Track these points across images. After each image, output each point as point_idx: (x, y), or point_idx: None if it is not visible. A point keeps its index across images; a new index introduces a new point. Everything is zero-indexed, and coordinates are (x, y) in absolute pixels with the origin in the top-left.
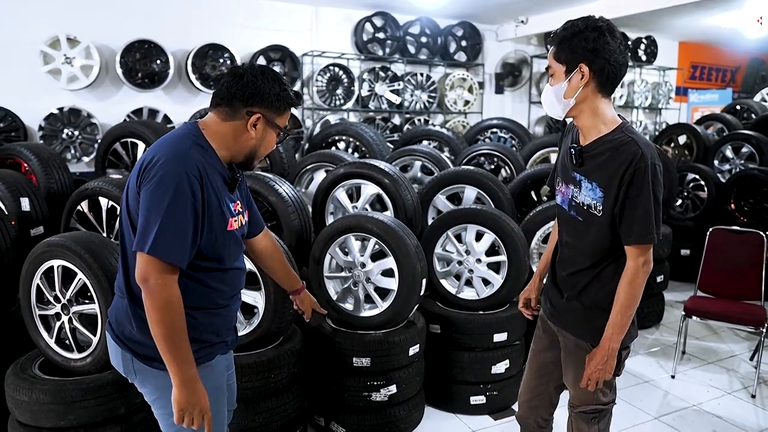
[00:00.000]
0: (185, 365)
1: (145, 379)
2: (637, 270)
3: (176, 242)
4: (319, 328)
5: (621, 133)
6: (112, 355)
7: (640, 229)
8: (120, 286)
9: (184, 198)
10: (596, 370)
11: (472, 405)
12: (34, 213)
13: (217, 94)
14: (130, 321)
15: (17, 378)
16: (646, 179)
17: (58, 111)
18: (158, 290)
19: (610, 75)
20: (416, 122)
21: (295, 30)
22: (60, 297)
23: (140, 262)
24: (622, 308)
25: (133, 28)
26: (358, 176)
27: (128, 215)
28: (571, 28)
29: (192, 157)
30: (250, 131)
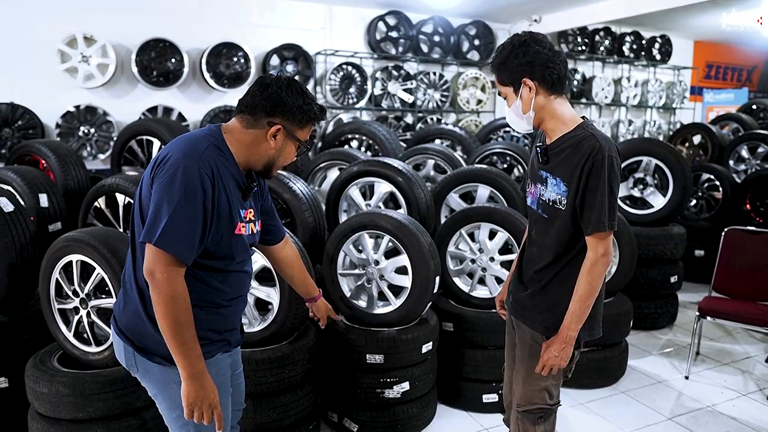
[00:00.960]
0: (193, 359)
1: (146, 373)
2: (596, 260)
3: (184, 236)
4: (333, 325)
5: (582, 129)
6: (116, 349)
7: (596, 218)
8: (128, 278)
9: (194, 194)
10: (552, 356)
11: (485, 403)
12: (52, 209)
13: (242, 101)
14: (131, 314)
15: (37, 370)
16: (603, 170)
17: (74, 109)
18: (164, 284)
19: (553, 77)
20: (429, 121)
21: (308, 29)
22: (78, 291)
23: (147, 255)
24: (581, 298)
25: (148, 27)
26: (372, 174)
27: (140, 209)
28: (501, 53)
29: (206, 156)
30: (269, 141)
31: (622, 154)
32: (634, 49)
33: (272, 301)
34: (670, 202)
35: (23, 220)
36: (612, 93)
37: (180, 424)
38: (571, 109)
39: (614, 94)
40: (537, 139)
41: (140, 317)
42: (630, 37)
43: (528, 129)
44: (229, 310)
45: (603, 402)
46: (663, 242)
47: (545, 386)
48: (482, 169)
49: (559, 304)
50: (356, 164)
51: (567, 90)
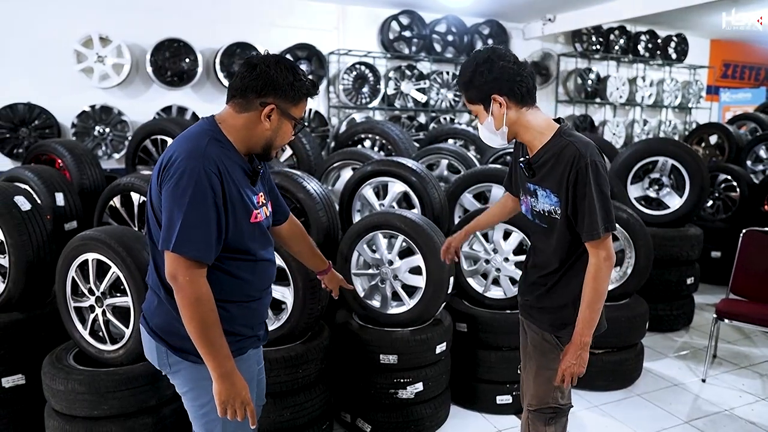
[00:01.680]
0: (222, 359)
1: (179, 371)
2: (599, 264)
3: (200, 238)
4: (347, 325)
5: (560, 137)
6: (146, 348)
7: (589, 226)
8: (153, 281)
9: (203, 194)
10: (570, 364)
11: (498, 404)
12: (68, 208)
13: (232, 86)
14: (164, 315)
15: (53, 368)
16: (588, 177)
17: (90, 108)
18: (187, 287)
19: (522, 90)
20: (442, 121)
21: (322, 28)
22: (94, 290)
23: (168, 261)
24: (590, 303)
25: (163, 28)
26: (386, 174)
27: (153, 212)
28: (465, 71)
29: (209, 153)
30: (264, 122)
31: (637, 154)
32: (649, 48)
33: (286, 300)
34: (686, 202)
35: (40, 218)
36: (627, 93)
37: (206, 420)
38: (545, 117)
39: (629, 93)
40: (518, 149)
41: (174, 317)
42: (645, 36)
43: (503, 143)
44: (259, 303)
45: (618, 405)
46: (679, 243)
47: (557, 386)
48: (496, 168)
49: (564, 305)
50: (370, 164)
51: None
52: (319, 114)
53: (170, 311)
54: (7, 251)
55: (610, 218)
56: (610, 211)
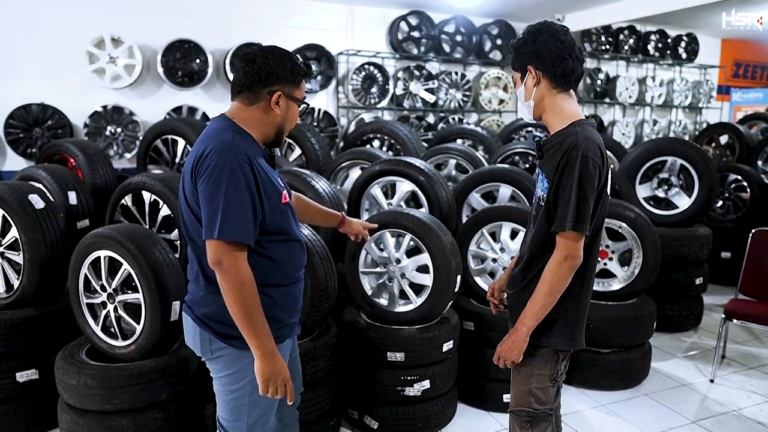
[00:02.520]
0: (265, 339)
1: (220, 357)
2: (560, 262)
3: (240, 222)
4: (354, 323)
5: (573, 127)
6: (188, 336)
7: (560, 217)
8: (196, 277)
9: (237, 182)
10: (505, 349)
11: (505, 403)
12: (81, 206)
13: (236, 82)
14: (211, 304)
15: (66, 363)
16: (574, 169)
17: (102, 109)
18: (232, 271)
19: (557, 70)
20: (450, 121)
21: (330, 29)
22: (106, 286)
23: (210, 248)
24: (538, 296)
25: (173, 29)
26: (394, 173)
27: (189, 209)
28: (519, 37)
29: (236, 143)
30: (274, 109)
31: (646, 153)
32: (659, 48)
33: None
34: (695, 202)
35: (53, 216)
36: (636, 92)
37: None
38: (575, 107)
39: (639, 93)
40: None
41: (220, 306)
42: (655, 36)
43: (530, 118)
44: (296, 287)
45: (625, 404)
46: (688, 243)
47: (529, 389)
48: (504, 168)
49: None
50: (378, 163)
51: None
52: (328, 114)
53: (216, 301)
54: (22, 248)
55: (582, 218)
56: (584, 213)
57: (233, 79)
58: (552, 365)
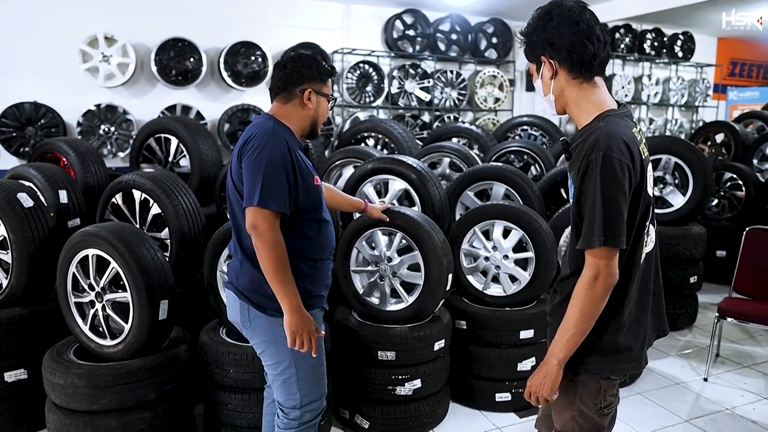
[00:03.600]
0: (293, 295)
1: (257, 326)
2: (589, 281)
3: (277, 193)
4: (345, 321)
5: (597, 121)
6: (231, 309)
7: (586, 231)
8: (235, 248)
9: (276, 161)
10: (535, 384)
11: (498, 402)
12: (72, 205)
13: (273, 88)
14: (247, 275)
15: (53, 362)
16: (595, 173)
17: (95, 107)
18: (267, 233)
19: (574, 58)
20: (446, 120)
21: (325, 27)
22: (94, 285)
23: (249, 214)
24: (567, 323)
25: (167, 27)
26: (386, 172)
27: (234, 187)
28: (527, 25)
29: (277, 131)
30: (307, 104)
31: None
32: (655, 47)
33: None
34: (690, 201)
35: (42, 215)
36: (632, 91)
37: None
38: (601, 97)
39: (635, 92)
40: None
41: (255, 276)
42: (651, 35)
43: (552, 113)
44: (325, 265)
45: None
46: (682, 242)
47: (573, 416)
48: (497, 166)
49: None
50: (371, 161)
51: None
52: None
53: (252, 270)
54: (10, 247)
55: (613, 230)
56: (615, 223)
57: (270, 86)
58: (594, 394)
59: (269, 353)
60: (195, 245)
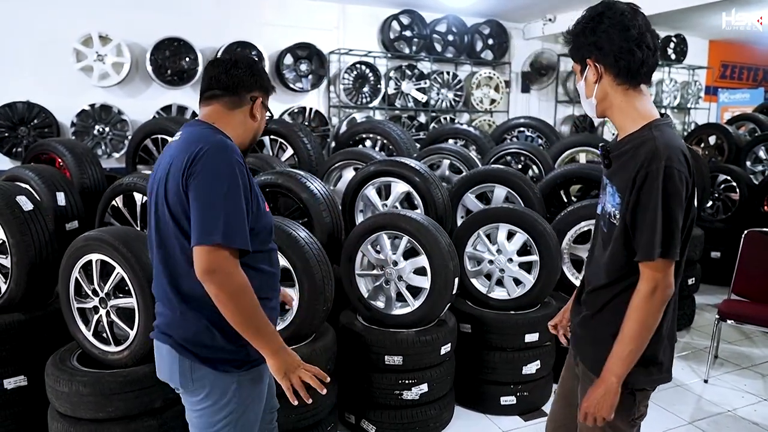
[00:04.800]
0: (273, 337)
1: (203, 386)
2: (647, 295)
3: (241, 228)
4: (351, 326)
5: (648, 130)
6: (163, 367)
7: (645, 243)
8: (165, 294)
9: (236, 185)
10: (592, 404)
11: (503, 405)
12: (69, 207)
13: (217, 86)
14: (190, 325)
15: (57, 369)
16: (656, 184)
17: (89, 107)
18: (231, 278)
19: (622, 63)
20: (442, 121)
21: (322, 28)
22: (98, 290)
23: (204, 256)
24: (626, 337)
25: (163, 26)
26: (389, 174)
27: (171, 216)
28: (575, 25)
29: (231, 146)
30: (255, 115)
31: None
32: None
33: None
34: None
35: (42, 218)
36: None
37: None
38: (647, 105)
39: None
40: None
41: (202, 325)
42: None
43: (592, 115)
44: (275, 301)
45: None
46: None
47: (603, 428)
48: (499, 169)
49: (609, 339)
50: (373, 164)
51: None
52: (320, 114)
53: (199, 320)
54: (9, 251)
55: (671, 243)
56: (674, 236)
57: (209, 82)
58: (629, 406)
59: (210, 411)
60: None
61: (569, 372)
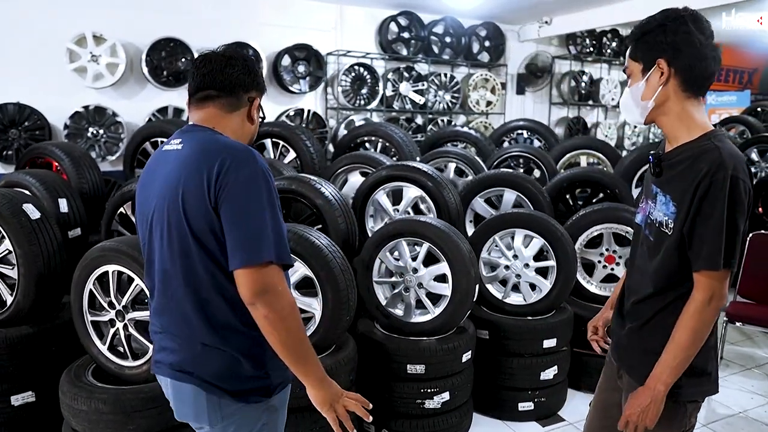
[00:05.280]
0: (318, 365)
1: (233, 422)
2: (703, 304)
3: (285, 241)
4: (370, 335)
5: (707, 140)
6: (187, 407)
7: (708, 253)
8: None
9: (273, 194)
10: (636, 412)
11: (520, 411)
12: (72, 214)
13: (212, 85)
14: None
15: (73, 386)
16: (722, 193)
17: (83, 109)
18: (284, 297)
19: (695, 72)
20: (439, 123)
21: (320, 29)
22: (115, 303)
23: (253, 277)
24: (677, 347)
25: (158, 26)
26: (401, 179)
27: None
28: (648, 21)
29: (255, 150)
30: (253, 117)
31: (640, 158)
32: None
33: (314, 312)
34: None
35: (50, 227)
36: (618, 95)
37: None
38: (703, 116)
39: (620, 96)
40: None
41: (233, 358)
42: None
43: (638, 121)
44: None
45: None
46: None
47: None
48: (509, 173)
49: (658, 350)
50: (384, 168)
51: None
52: (317, 115)
53: (229, 353)
54: (17, 262)
55: (734, 254)
56: (735, 247)
57: (202, 81)
58: (680, 418)
59: None
60: None
61: (609, 384)
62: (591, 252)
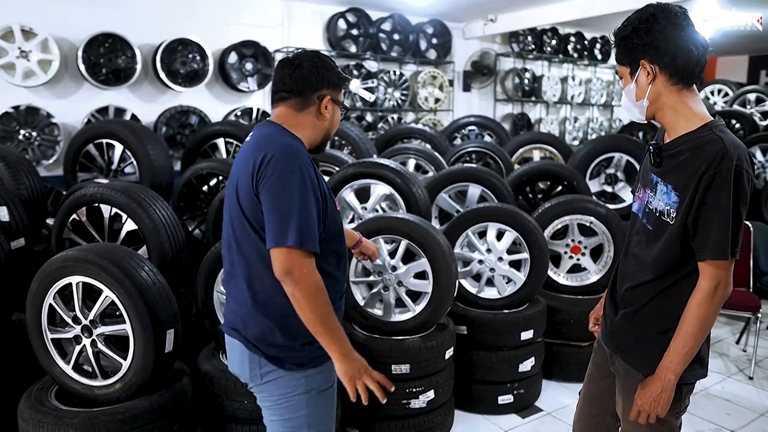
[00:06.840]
0: (343, 341)
1: (270, 381)
2: (710, 292)
3: (312, 230)
4: (351, 336)
5: (708, 130)
6: (235, 361)
7: (715, 243)
8: (240, 291)
9: (307, 187)
10: (648, 401)
11: (500, 405)
12: (14, 223)
13: (283, 88)
14: (259, 325)
15: (37, 413)
16: (727, 184)
17: (13, 110)
18: (307, 278)
19: (679, 63)
20: (389, 120)
21: (266, 25)
22: (80, 318)
23: (280, 258)
24: (687, 335)
25: (95, 21)
26: (369, 176)
27: (243, 215)
28: (624, 27)
29: (300, 148)
30: (324, 114)
31: (594, 150)
32: (577, 49)
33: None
34: None
35: None
36: (559, 91)
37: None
38: (701, 106)
39: (561, 92)
40: (656, 137)
41: (268, 327)
42: (574, 38)
43: (640, 119)
44: (341, 303)
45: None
46: None
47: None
48: (474, 168)
49: (655, 335)
50: (351, 166)
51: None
52: (267, 114)
53: (263, 320)
54: None
55: (738, 242)
56: (739, 236)
57: (277, 87)
58: (677, 400)
59: (281, 411)
60: (177, 263)
61: (599, 372)
62: (557, 243)
